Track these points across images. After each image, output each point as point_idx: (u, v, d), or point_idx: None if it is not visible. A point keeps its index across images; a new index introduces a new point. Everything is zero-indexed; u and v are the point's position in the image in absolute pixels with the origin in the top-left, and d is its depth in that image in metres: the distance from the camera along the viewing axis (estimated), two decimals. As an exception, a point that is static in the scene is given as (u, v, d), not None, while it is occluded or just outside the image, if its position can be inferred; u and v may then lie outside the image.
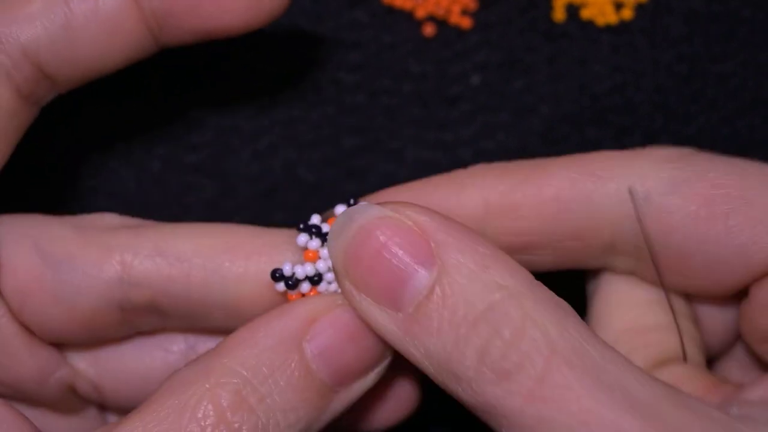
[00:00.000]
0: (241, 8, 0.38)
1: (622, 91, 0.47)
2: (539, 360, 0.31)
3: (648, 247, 0.35)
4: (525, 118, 0.47)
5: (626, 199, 0.35)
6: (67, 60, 0.38)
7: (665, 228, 0.35)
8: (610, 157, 0.36)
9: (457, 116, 0.47)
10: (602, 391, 0.30)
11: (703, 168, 0.35)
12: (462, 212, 0.35)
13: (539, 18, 0.47)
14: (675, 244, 0.35)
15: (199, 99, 0.47)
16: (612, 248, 0.37)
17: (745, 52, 0.47)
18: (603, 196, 0.35)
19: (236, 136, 0.47)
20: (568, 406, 0.30)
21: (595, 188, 0.35)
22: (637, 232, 0.35)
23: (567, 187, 0.35)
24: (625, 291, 0.38)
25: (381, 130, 0.47)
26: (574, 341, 0.31)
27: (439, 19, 0.47)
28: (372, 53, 0.47)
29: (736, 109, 0.48)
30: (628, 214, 0.35)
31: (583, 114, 0.47)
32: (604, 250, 0.37)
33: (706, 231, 0.35)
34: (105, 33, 0.38)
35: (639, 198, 0.35)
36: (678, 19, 0.47)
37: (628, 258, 0.37)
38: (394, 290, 0.32)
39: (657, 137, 0.48)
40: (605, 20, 0.47)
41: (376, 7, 0.47)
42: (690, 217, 0.35)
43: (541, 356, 0.31)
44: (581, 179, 0.35)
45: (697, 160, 0.36)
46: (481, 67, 0.47)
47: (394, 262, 0.32)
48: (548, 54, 0.47)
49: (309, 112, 0.47)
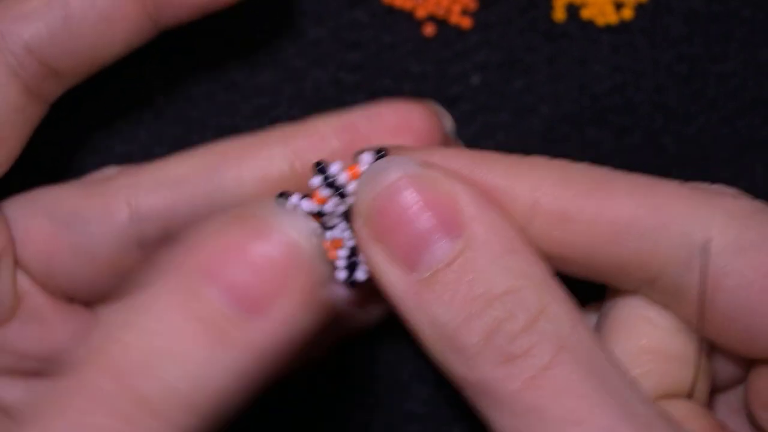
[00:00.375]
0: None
1: (622, 91, 0.47)
2: (548, 351, 0.30)
3: (699, 302, 0.34)
4: (525, 118, 0.47)
5: (688, 245, 0.33)
6: (70, 52, 0.39)
7: (716, 285, 0.33)
8: (679, 193, 0.34)
9: (457, 116, 0.47)
10: (603, 395, 0.30)
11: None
12: (509, 202, 0.33)
13: (539, 18, 0.47)
14: (721, 303, 0.34)
15: (199, 99, 0.47)
16: (652, 283, 0.35)
17: (745, 52, 0.47)
18: (664, 237, 0.33)
19: (236, 135, 0.47)
20: (566, 401, 0.30)
21: (656, 226, 0.33)
22: (687, 280, 0.34)
23: (628, 216, 0.33)
24: (648, 312, 0.36)
25: (381, 129, 0.47)
26: (586, 342, 0.31)
27: (439, 19, 0.47)
28: (372, 53, 0.47)
29: (737, 109, 0.48)
30: (684, 261, 0.34)
31: (583, 114, 0.47)
32: (643, 282, 0.35)
33: (759, 302, 0.33)
34: (104, 20, 0.38)
35: (706, 255, 0.33)
36: (678, 19, 0.47)
37: (664, 295, 0.35)
38: (414, 251, 0.32)
39: (657, 137, 0.48)
40: (605, 20, 0.47)
41: (376, 7, 0.47)
42: (746, 284, 0.33)
43: (551, 348, 0.31)
44: (645, 212, 0.33)
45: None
46: (481, 67, 0.47)
47: (419, 224, 0.32)
48: (548, 54, 0.47)
49: (309, 112, 0.47)
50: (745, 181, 0.48)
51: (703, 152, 0.48)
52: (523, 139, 0.47)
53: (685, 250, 0.33)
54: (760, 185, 0.48)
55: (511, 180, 0.34)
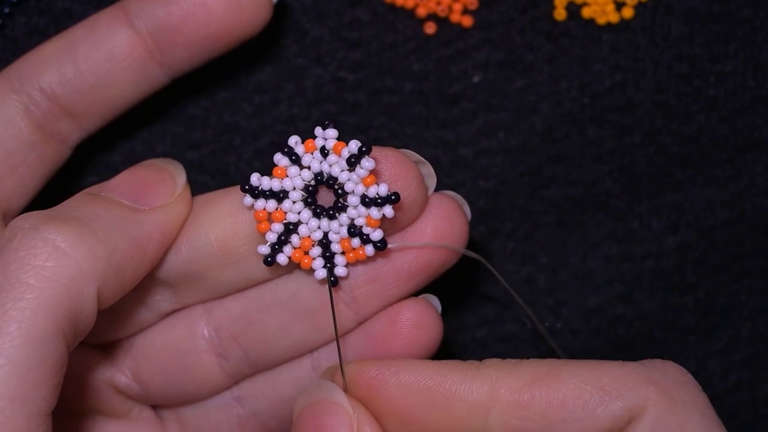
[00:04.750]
0: (223, 11, 0.41)
1: (623, 90, 0.47)
2: None
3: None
4: (526, 116, 0.47)
5: (628, 418, 0.36)
6: (79, 90, 0.42)
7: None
8: (620, 373, 0.36)
9: (458, 115, 0.47)
10: None
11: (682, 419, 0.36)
12: (468, 398, 0.36)
13: (540, 17, 0.47)
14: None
15: (200, 97, 0.47)
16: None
17: (745, 51, 0.48)
18: (606, 413, 0.36)
19: (237, 134, 0.47)
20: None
21: (600, 404, 0.36)
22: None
23: (575, 398, 0.36)
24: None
25: (382, 128, 0.47)
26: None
27: (440, 17, 0.47)
28: (373, 52, 0.47)
29: (736, 109, 0.48)
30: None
31: (584, 113, 0.47)
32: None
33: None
34: (109, 60, 0.41)
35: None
36: (678, 18, 0.47)
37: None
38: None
39: (657, 136, 0.48)
40: (606, 19, 0.47)
41: (377, 5, 0.47)
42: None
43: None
44: (589, 392, 0.36)
45: (683, 409, 0.36)
46: (482, 66, 0.47)
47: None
48: (549, 53, 0.47)
49: (310, 111, 0.47)
50: (745, 181, 0.48)
51: (703, 151, 0.48)
52: (523, 138, 0.47)
53: (624, 423, 0.36)
54: (760, 184, 0.48)
55: (469, 378, 0.36)
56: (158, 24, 0.41)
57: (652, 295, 0.49)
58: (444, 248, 0.39)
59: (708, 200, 0.48)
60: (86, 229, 0.35)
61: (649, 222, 0.49)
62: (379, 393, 0.37)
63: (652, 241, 0.49)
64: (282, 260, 0.39)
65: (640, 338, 0.49)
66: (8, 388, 0.33)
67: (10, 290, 0.34)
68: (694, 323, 0.49)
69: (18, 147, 0.41)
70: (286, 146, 0.39)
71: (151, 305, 0.41)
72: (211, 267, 0.40)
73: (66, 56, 0.42)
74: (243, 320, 0.41)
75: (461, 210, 0.40)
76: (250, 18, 0.42)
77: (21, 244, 0.34)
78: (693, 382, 0.37)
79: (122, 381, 0.42)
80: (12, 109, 0.41)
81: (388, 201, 0.38)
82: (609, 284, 0.49)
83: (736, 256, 0.49)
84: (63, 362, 0.34)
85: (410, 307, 0.40)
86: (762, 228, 0.49)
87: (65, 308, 0.34)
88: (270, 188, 0.38)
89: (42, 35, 0.46)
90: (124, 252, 0.36)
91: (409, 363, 0.37)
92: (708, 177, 0.48)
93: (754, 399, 0.50)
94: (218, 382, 0.42)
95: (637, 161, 0.48)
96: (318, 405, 0.37)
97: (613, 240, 0.49)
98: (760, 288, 0.49)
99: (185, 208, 0.39)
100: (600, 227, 0.49)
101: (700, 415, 0.35)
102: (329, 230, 0.38)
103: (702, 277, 0.49)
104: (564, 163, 0.48)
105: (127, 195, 0.38)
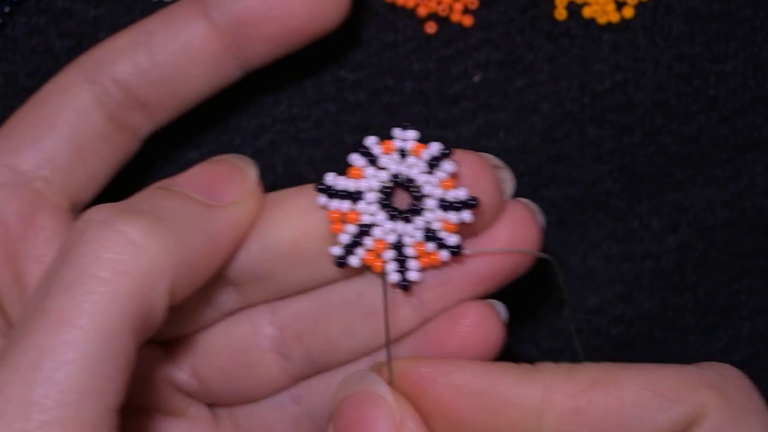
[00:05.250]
0: (302, 7, 0.41)
1: (623, 89, 0.47)
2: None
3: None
4: (526, 116, 0.47)
5: (688, 423, 0.34)
6: (153, 82, 0.41)
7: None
8: (679, 377, 0.35)
9: (459, 114, 0.47)
10: None
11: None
12: (522, 402, 0.35)
13: (541, 16, 0.47)
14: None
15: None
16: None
17: (745, 51, 0.48)
18: (666, 418, 0.34)
19: (237, 133, 0.47)
20: None
21: (660, 409, 0.34)
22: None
23: (633, 403, 0.35)
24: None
25: (382, 128, 0.47)
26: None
27: (440, 17, 0.47)
28: (373, 51, 0.47)
29: (737, 109, 0.48)
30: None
31: (584, 112, 0.47)
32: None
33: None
34: (184, 51, 0.41)
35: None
36: (679, 18, 0.47)
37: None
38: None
39: (657, 136, 0.48)
40: (607, 19, 0.47)
41: (377, 5, 0.47)
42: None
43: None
44: (648, 397, 0.35)
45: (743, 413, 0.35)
46: (482, 66, 0.47)
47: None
48: (549, 52, 0.47)
49: (310, 110, 0.47)
50: (745, 181, 0.48)
51: (703, 151, 0.48)
52: (523, 138, 0.47)
53: (684, 428, 0.35)
54: (760, 184, 0.48)
55: (523, 382, 0.35)
56: (236, 18, 0.41)
57: (652, 295, 0.49)
58: (516, 256, 0.38)
59: (708, 200, 0.48)
60: (160, 223, 0.35)
61: (649, 222, 0.49)
62: (428, 391, 0.36)
63: (652, 241, 0.49)
64: (354, 262, 0.38)
65: (640, 338, 0.49)
66: (79, 382, 0.32)
67: (82, 283, 0.33)
68: (694, 323, 0.49)
69: (90, 138, 0.41)
70: (363, 146, 0.38)
71: (216, 303, 0.40)
72: (280, 266, 0.39)
73: (141, 47, 0.41)
74: (309, 320, 0.40)
75: (535, 218, 0.39)
76: (328, 13, 0.42)
77: (94, 236, 0.34)
78: (751, 387, 0.36)
79: (182, 378, 0.42)
80: (85, 99, 0.41)
81: (467, 205, 0.37)
82: (609, 284, 0.49)
83: (736, 255, 0.49)
84: (133, 358, 0.34)
85: (471, 308, 0.39)
86: (762, 228, 0.49)
87: (137, 303, 0.34)
88: (345, 188, 0.37)
89: (42, 34, 0.46)
90: (197, 248, 0.36)
91: (462, 363, 0.36)
92: (708, 177, 0.48)
93: (754, 399, 0.50)
94: (279, 382, 0.41)
95: (637, 161, 0.48)
96: (360, 396, 0.36)
97: (613, 240, 0.49)
98: (761, 288, 0.49)
99: (256, 206, 0.38)
100: (600, 227, 0.49)
101: (759, 420, 0.34)
102: (404, 233, 0.38)
103: (702, 276, 0.49)
104: (564, 163, 0.48)
105: (199, 190, 0.38)
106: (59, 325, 0.33)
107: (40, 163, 0.41)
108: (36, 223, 0.40)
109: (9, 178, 0.40)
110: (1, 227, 0.40)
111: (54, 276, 0.34)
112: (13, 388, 0.32)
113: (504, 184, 0.38)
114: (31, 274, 0.40)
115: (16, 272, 0.40)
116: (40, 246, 0.40)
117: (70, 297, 0.33)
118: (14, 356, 0.33)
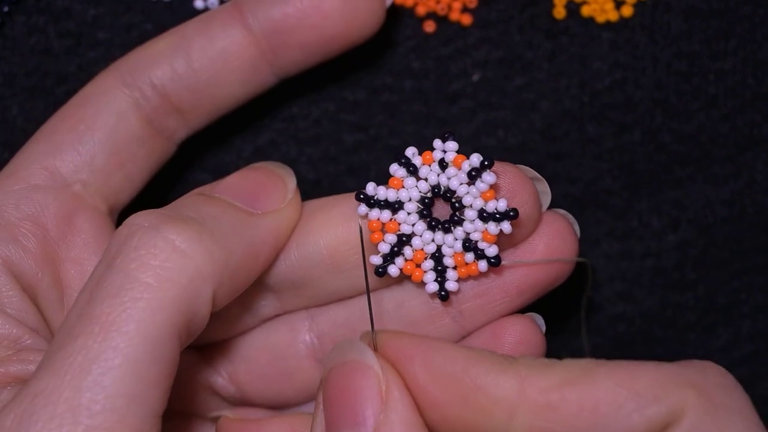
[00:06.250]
0: (339, 15, 0.41)
1: (622, 87, 0.47)
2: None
3: None
4: (525, 114, 0.47)
5: (665, 424, 0.34)
6: (190, 87, 0.41)
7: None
8: (657, 375, 0.34)
9: (458, 113, 0.47)
10: None
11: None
12: (493, 392, 0.34)
13: (540, 15, 0.47)
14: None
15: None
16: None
17: (744, 49, 0.48)
18: (642, 418, 0.34)
19: (237, 132, 0.47)
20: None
21: (636, 409, 0.34)
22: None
23: (608, 402, 0.34)
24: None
25: (382, 126, 0.47)
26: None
27: (439, 16, 0.47)
28: (373, 50, 0.47)
29: (736, 106, 0.48)
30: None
31: (583, 111, 0.47)
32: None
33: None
34: (221, 60, 0.41)
35: None
36: (678, 16, 0.47)
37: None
38: (347, 421, 0.35)
39: (657, 134, 0.48)
40: (605, 17, 0.47)
41: (376, 3, 0.47)
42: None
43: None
44: (624, 396, 0.34)
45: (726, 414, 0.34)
46: (481, 64, 0.47)
47: (350, 401, 0.35)
48: (548, 51, 0.47)
49: (310, 109, 0.47)
50: (745, 178, 0.48)
51: (703, 149, 0.48)
52: (523, 136, 0.47)
53: (661, 428, 0.34)
54: (760, 182, 0.48)
55: (499, 372, 0.35)
56: (272, 25, 0.41)
57: (652, 293, 0.49)
58: (554, 267, 0.39)
59: (708, 198, 0.48)
60: (204, 230, 0.35)
61: (649, 220, 0.49)
62: (404, 369, 0.36)
63: (652, 239, 0.49)
64: (393, 272, 0.38)
65: (640, 336, 0.49)
66: (125, 387, 0.32)
67: (129, 289, 0.33)
68: (695, 321, 0.49)
69: (128, 142, 0.41)
70: (404, 157, 0.38)
71: (255, 310, 0.41)
72: (319, 274, 0.39)
73: (179, 52, 0.41)
74: (347, 328, 0.41)
75: (572, 229, 0.39)
76: (364, 22, 0.42)
77: (141, 242, 0.34)
78: (734, 385, 0.35)
79: (220, 383, 0.42)
80: (123, 103, 0.41)
81: (506, 216, 0.37)
82: (609, 282, 0.49)
83: (736, 253, 0.49)
84: (176, 363, 0.34)
85: (514, 323, 0.39)
86: (762, 225, 0.49)
87: (182, 309, 0.34)
88: (385, 198, 0.38)
89: (41, 34, 0.46)
90: (239, 255, 0.36)
91: (441, 344, 0.36)
92: (708, 174, 0.48)
93: (754, 396, 0.50)
94: (316, 388, 0.41)
95: (636, 159, 0.48)
96: (348, 365, 0.36)
97: (613, 238, 0.49)
98: (760, 285, 0.49)
99: (296, 214, 0.39)
100: (600, 225, 0.49)
101: (741, 419, 0.34)
102: (443, 243, 0.38)
103: (702, 274, 0.49)
104: (564, 161, 0.48)
105: (240, 197, 0.38)
106: (106, 330, 0.33)
107: (79, 166, 0.41)
108: (75, 225, 0.40)
109: (48, 181, 0.40)
110: (40, 229, 0.40)
111: (100, 281, 0.34)
112: (62, 391, 0.32)
113: (542, 196, 0.39)
114: (70, 276, 0.40)
115: (55, 274, 0.40)
116: (78, 248, 0.40)
117: (117, 302, 0.33)
118: (62, 360, 0.33)
